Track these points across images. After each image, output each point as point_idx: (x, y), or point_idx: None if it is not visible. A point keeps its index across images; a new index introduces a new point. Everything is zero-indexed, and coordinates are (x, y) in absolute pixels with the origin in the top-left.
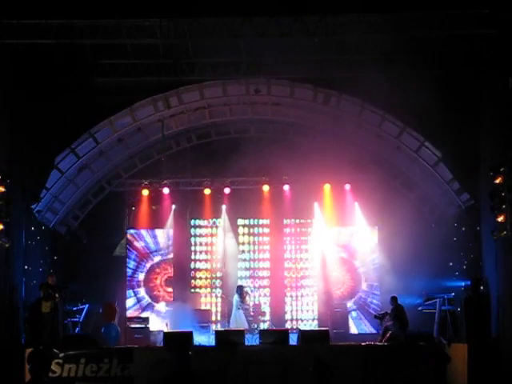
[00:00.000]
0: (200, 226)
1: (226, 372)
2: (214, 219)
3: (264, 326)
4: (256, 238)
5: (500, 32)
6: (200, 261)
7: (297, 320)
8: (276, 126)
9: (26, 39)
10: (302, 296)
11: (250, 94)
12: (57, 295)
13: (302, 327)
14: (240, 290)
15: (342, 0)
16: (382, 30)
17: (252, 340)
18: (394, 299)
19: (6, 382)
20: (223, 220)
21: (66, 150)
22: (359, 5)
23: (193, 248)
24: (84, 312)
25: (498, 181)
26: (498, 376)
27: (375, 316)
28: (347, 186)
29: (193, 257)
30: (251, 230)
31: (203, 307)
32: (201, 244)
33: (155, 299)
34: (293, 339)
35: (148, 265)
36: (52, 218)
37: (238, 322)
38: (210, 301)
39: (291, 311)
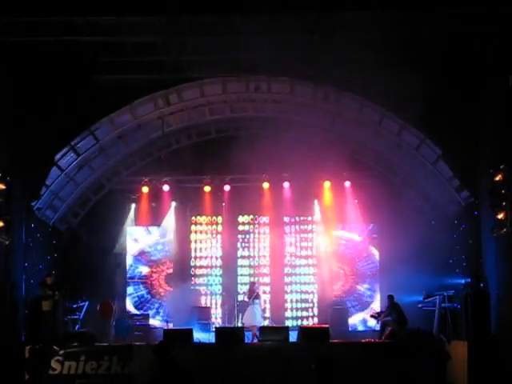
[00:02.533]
0: (200, 223)
1: (225, 369)
2: (214, 216)
3: (264, 322)
4: (256, 235)
5: (500, 31)
6: (200, 258)
7: (297, 317)
8: (276, 123)
9: (26, 37)
10: (301, 293)
11: (249, 92)
12: (56, 293)
13: (302, 324)
14: (249, 286)
15: None
16: (382, 29)
17: (252, 337)
18: (390, 297)
19: (6, 380)
20: (223, 217)
21: (65, 147)
22: (359, 3)
23: (193, 245)
24: (84, 309)
25: (498, 178)
26: (498, 373)
27: (371, 316)
28: (347, 184)
29: (193, 254)
30: (251, 227)
31: (203, 304)
32: (201, 241)
33: (155, 296)
34: (293, 336)
35: (148, 262)
36: (52, 216)
37: (253, 317)
38: (209, 298)
39: (291, 308)
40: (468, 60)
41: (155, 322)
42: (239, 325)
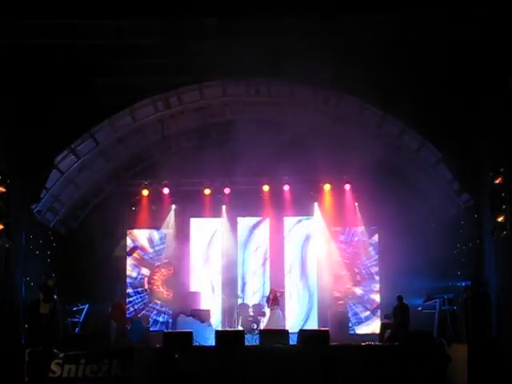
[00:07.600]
0: (200, 226)
1: (225, 372)
2: (214, 219)
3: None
4: (256, 238)
5: (500, 32)
6: (200, 261)
7: (297, 320)
8: (276, 126)
9: (26, 39)
10: (302, 295)
11: (249, 94)
12: (55, 296)
13: (302, 327)
14: (269, 293)
15: (342, 0)
16: (383, 32)
17: (252, 340)
18: (398, 298)
19: (6, 382)
20: (223, 220)
21: (66, 150)
22: (359, 5)
23: (193, 248)
24: (84, 312)
25: (497, 181)
26: (498, 376)
27: (385, 316)
28: (347, 186)
29: (193, 257)
30: (251, 230)
31: (203, 307)
32: (201, 244)
33: (155, 299)
34: (293, 339)
35: (148, 265)
36: (52, 218)
37: (277, 321)
38: (209, 301)
39: (291, 311)
40: (468, 62)
41: (155, 324)
42: (239, 328)
